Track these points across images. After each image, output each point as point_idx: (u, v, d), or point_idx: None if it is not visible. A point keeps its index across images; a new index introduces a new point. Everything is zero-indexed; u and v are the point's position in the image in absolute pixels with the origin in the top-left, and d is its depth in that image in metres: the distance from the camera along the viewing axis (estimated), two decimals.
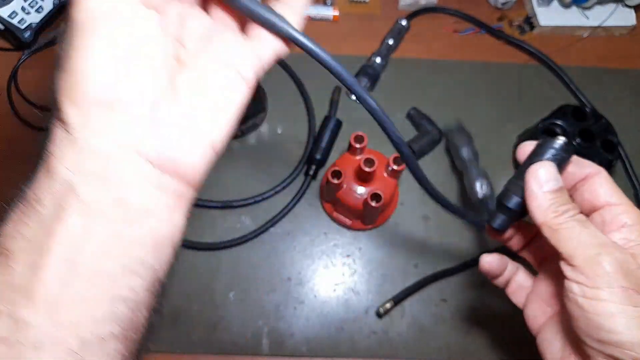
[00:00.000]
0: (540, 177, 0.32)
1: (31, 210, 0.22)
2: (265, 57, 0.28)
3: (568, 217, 0.31)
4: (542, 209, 0.31)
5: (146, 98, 0.24)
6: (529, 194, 0.32)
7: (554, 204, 0.31)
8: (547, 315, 0.37)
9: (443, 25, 0.76)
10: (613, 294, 0.27)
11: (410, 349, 0.58)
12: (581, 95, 0.71)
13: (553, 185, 0.32)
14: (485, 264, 0.39)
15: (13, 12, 0.67)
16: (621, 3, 0.76)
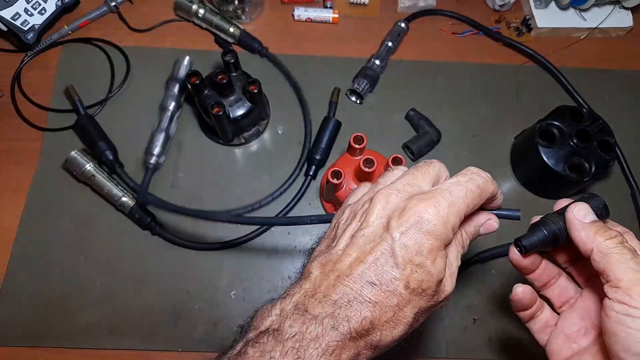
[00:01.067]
0: (580, 211, 0.36)
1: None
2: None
3: (617, 242, 0.34)
4: (590, 236, 0.35)
5: None
6: (574, 226, 0.36)
7: (599, 230, 0.35)
8: (572, 350, 0.39)
9: (441, 27, 0.77)
10: None
11: (410, 348, 0.58)
12: (578, 96, 0.72)
13: (592, 217, 0.36)
14: (519, 294, 0.40)
15: (16, 13, 0.67)
16: (618, 5, 0.76)
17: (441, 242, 0.33)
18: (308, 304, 0.32)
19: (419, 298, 0.33)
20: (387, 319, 0.32)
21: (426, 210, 0.33)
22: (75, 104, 0.66)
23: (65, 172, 0.64)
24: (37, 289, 0.59)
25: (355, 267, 0.33)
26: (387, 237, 0.33)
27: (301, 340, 0.31)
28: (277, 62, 0.71)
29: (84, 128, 0.64)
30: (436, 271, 0.33)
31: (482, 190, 0.36)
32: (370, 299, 0.32)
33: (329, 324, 0.31)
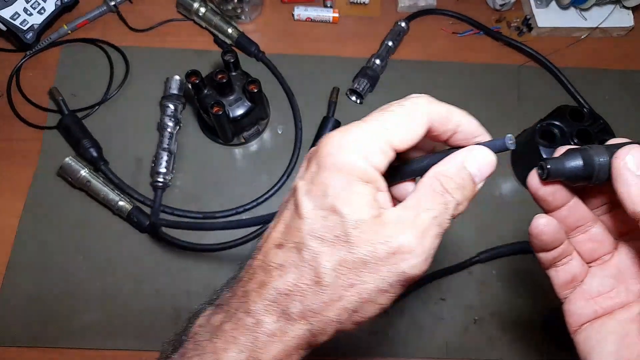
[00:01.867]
0: (635, 159, 0.27)
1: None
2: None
3: None
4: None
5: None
6: (623, 178, 0.27)
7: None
8: (595, 313, 0.33)
9: (442, 26, 0.77)
10: None
11: (409, 347, 0.58)
12: (579, 96, 0.72)
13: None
14: (539, 226, 0.31)
15: (15, 13, 0.67)
16: (619, 4, 0.76)
17: (350, 176, 0.27)
18: (222, 294, 0.30)
19: (333, 248, 0.26)
20: (294, 281, 0.27)
21: (325, 145, 0.27)
22: (59, 104, 0.66)
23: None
24: (36, 289, 0.59)
25: (267, 237, 0.29)
26: (293, 191, 0.28)
27: (196, 336, 0.28)
28: (272, 68, 0.71)
29: (68, 128, 0.64)
30: (348, 210, 0.26)
31: (409, 107, 0.29)
32: (274, 263, 0.27)
33: (228, 308, 0.28)
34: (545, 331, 0.59)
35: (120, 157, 0.65)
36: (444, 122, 0.29)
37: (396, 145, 0.28)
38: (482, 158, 0.30)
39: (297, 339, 0.27)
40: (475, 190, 0.30)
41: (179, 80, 0.68)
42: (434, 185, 0.28)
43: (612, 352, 0.31)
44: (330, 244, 0.26)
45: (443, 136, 0.30)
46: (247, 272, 0.29)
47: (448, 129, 0.29)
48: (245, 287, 0.28)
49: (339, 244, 0.26)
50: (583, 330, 0.33)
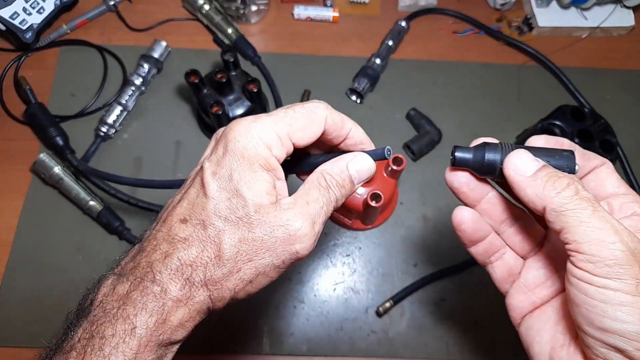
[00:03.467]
0: (519, 164, 0.30)
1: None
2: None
3: (571, 194, 0.28)
4: (538, 193, 0.29)
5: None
6: (517, 186, 0.30)
7: (548, 182, 0.29)
8: (534, 304, 0.35)
9: (442, 26, 0.76)
10: (624, 284, 0.26)
11: (409, 348, 0.58)
12: (580, 96, 0.71)
13: (536, 165, 0.30)
14: (457, 217, 0.34)
15: (14, 12, 0.67)
16: (620, 4, 0.76)
17: (253, 161, 0.30)
18: (124, 265, 0.31)
19: (235, 227, 0.30)
20: (198, 253, 0.30)
21: (231, 130, 0.30)
22: (25, 92, 0.66)
23: (34, 174, 0.64)
24: (36, 289, 0.59)
25: (171, 211, 0.31)
26: (200, 170, 0.32)
27: (105, 303, 0.29)
28: (266, 73, 0.70)
29: (34, 116, 0.64)
30: (251, 195, 0.30)
31: (309, 111, 0.32)
32: (179, 236, 0.30)
33: (133, 277, 0.29)
34: None
35: (121, 158, 0.65)
36: (337, 128, 0.33)
37: (295, 141, 0.32)
38: (362, 164, 0.34)
39: (199, 304, 0.30)
40: (354, 189, 0.34)
41: (164, 46, 0.69)
42: (319, 180, 0.33)
43: (548, 339, 0.32)
44: (233, 223, 0.30)
45: (335, 140, 0.34)
46: (149, 243, 0.30)
47: (340, 134, 0.34)
48: (149, 257, 0.30)
49: (241, 224, 0.30)
50: (524, 322, 0.35)
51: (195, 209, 0.30)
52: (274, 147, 0.31)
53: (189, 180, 0.33)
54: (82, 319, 0.30)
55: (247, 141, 0.30)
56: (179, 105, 0.69)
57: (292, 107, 0.32)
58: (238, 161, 0.30)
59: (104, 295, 0.30)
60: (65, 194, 0.61)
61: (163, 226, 0.31)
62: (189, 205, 0.31)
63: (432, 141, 0.67)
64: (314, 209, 0.31)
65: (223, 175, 0.30)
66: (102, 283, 0.31)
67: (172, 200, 0.33)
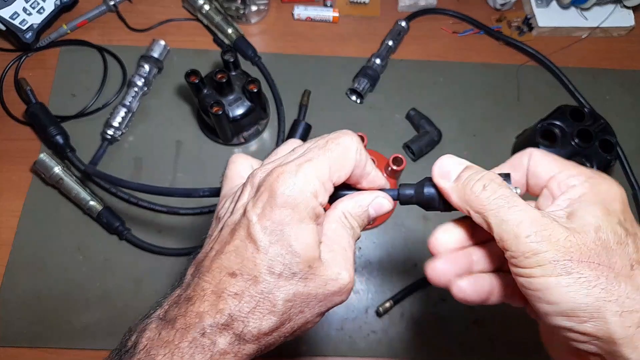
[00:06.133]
0: (442, 169, 0.32)
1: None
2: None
3: (489, 194, 0.29)
4: (461, 198, 0.30)
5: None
6: (444, 194, 0.32)
7: (467, 185, 0.30)
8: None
9: (442, 26, 0.76)
10: (545, 269, 0.27)
11: (409, 348, 0.58)
12: (580, 96, 0.71)
13: (458, 169, 0.31)
14: (459, 294, 0.33)
15: (14, 13, 0.67)
16: (620, 4, 0.76)
17: (303, 213, 0.29)
18: (169, 310, 0.30)
19: (289, 282, 0.29)
20: (250, 309, 0.29)
21: (277, 181, 0.29)
22: (26, 93, 0.66)
23: (34, 174, 0.64)
24: (36, 289, 0.59)
25: (215, 260, 0.30)
26: (244, 221, 0.30)
27: (150, 349, 0.28)
28: (266, 74, 0.70)
29: (35, 116, 0.64)
30: (301, 248, 0.29)
31: (346, 149, 0.31)
32: (229, 291, 0.29)
33: (180, 325, 0.29)
34: None
35: (121, 158, 0.65)
36: (361, 166, 0.33)
37: (335, 183, 0.31)
38: (383, 207, 0.34)
39: (247, 356, 0.30)
40: (371, 223, 0.35)
41: (163, 46, 0.69)
42: (343, 220, 0.33)
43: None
44: (286, 279, 0.29)
45: (352, 179, 0.33)
46: (196, 292, 0.30)
47: (362, 173, 0.33)
48: (198, 308, 0.29)
49: (295, 279, 0.29)
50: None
51: (246, 263, 0.29)
52: (320, 195, 0.30)
53: (229, 228, 0.31)
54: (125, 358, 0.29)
55: (296, 193, 0.29)
56: (179, 105, 0.69)
57: (327, 146, 0.31)
58: (288, 215, 0.29)
59: (149, 339, 0.29)
60: (66, 194, 0.62)
61: (208, 276, 0.30)
62: (238, 258, 0.29)
63: (432, 141, 0.67)
64: (351, 255, 0.32)
65: (273, 229, 0.29)
66: (146, 326, 0.30)
67: (211, 245, 0.32)
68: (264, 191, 0.30)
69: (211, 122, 0.61)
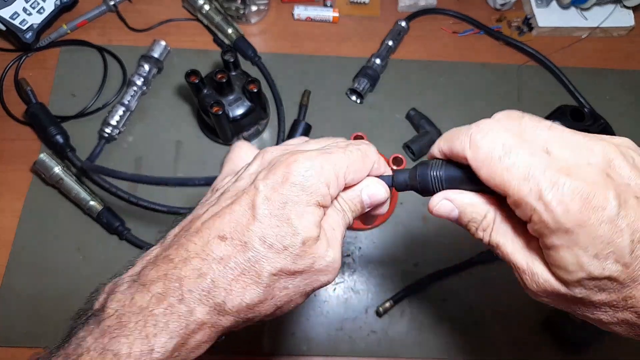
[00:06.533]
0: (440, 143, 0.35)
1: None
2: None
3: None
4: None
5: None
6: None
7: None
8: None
9: (442, 26, 0.76)
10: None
11: (409, 348, 0.58)
12: (580, 96, 0.71)
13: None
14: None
15: (15, 13, 0.67)
16: (620, 4, 0.76)
17: (311, 197, 0.30)
18: (143, 271, 0.29)
19: (278, 256, 0.29)
20: (234, 277, 0.28)
21: (297, 161, 0.30)
22: (26, 93, 0.66)
23: (35, 174, 0.64)
24: (36, 289, 0.59)
25: (208, 221, 0.29)
26: (250, 189, 0.30)
27: (121, 315, 0.27)
28: (267, 74, 0.70)
29: (35, 116, 0.64)
30: (302, 227, 0.29)
31: (364, 154, 0.32)
32: (215, 254, 0.28)
33: (157, 289, 0.27)
34: (545, 331, 0.59)
35: (121, 158, 0.65)
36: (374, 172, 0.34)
37: (347, 182, 0.32)
38: (376, 190, 0.34)
39: (222, 328, 0.29)
40: (364, 211, 0.35)
41: (163, 46, 0.69)
42: (336, 205, 0.33)
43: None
44: (276, 251, 0.29)
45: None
46: (177, 253, 0.29)
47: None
48: (179, 271, 0.28)
49: (286, 253, 0.29)
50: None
51: (239, 228, 0.29)
52: (332, 186, 0.31)
53: (231, 193, 0.31)
54: (91, 324, 0.28)
55: (310, 176, 0.30)
56: (179, 105, 0.69)
57: (349, 148, 0.32)
58: (297, 193, 0.29)
59: (119, 303, 0.28)
60: (66, 194, 0.62)
61: (196, 237, 0.29)
62: (232, 222, 0.29)
63: (432, 141, 0.67)
64: (339, 235, 0.32)
65: (276, 201, 0.29)
66: (117, 287, 0.29)
67: (205, 208, 0.31)
68: (279, 166, 0.30)
69: (211, 122, 0.61)
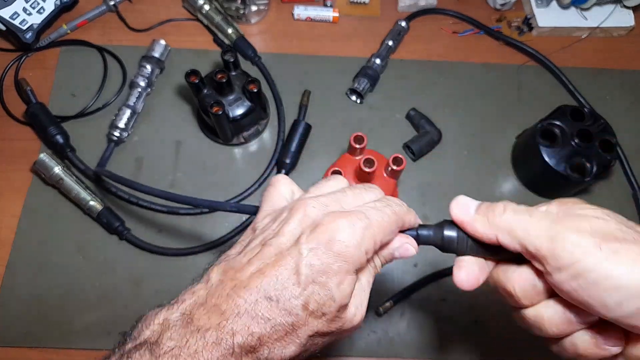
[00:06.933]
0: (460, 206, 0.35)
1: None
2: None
3: (512, 211, 0.32)
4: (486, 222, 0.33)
5: None
6: (468, 224, 0.34)
7: (489, 211, 0.33)
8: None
9: (442, 26, 0.76)
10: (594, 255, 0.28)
11: (409, 348, 0.58)
12: (580, 96, 0.71)
13: (475, 204, 0.35)
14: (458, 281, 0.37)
15: (15, 13, 0.67)
16: (620, 4, 0.76)
17: (351, 266, 0.31)
18: (195, 313, 0.30)
19: (316, 321, 0.31)
20: (277, 337, 0.30)
21: (340, 230, 0.31)
22: (26, 93, 0.66)
23: (35, 174, 0.64)
24: (36, 289, 0.59)
25: (255, 278, 0.30)
26: (294, 251, 0.31)
27: (178, 355, 0.28)
28: (267, 73, 0.70)
29: (35, 116, 0.64)
30: (340, 295, 0.31)
31: (399, 217, 0.34)
32: (263, 315, 0.30)
33: (211, 338, 0.29)
34: None
35: (121, 158, 0.65)
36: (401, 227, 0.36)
37: (382, 243, 0.34)
38: (407, 250, 0.36)
39: None
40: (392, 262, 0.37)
41: (163, 46, 0.69)
42: (369, 263, 0.35)
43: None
44: (315, 317, 0.31)
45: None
46: (229, 306, 0.30)
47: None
48: (231, 325, 0.29)
49: (323, 319, 0.31)
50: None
51: (285, 293, 0.30)
52: (370, 252, 0.32)
53: (274, 249, 0.32)
54: (145, 355, 0.29)
55: (353, 246, 0.31)
56: (179, 105, 0.69)
57: (385, 209, 0.33)
58: (339, 263, 0.31)
59: (174, 342, 0.29)
60: (66, 194, 0.62)
61: (244, 292, 0.30)
62: (279, 285, 0.30)
63: (432, 141, 0.67)
64: (367, 295, 0.34)
65: (319, 268, 0.30)
66: (169, 322, 0.30)
67: (248, 257, 0.32)
68: (324, 231, 0.31)
69: (211, 122, 0.61)
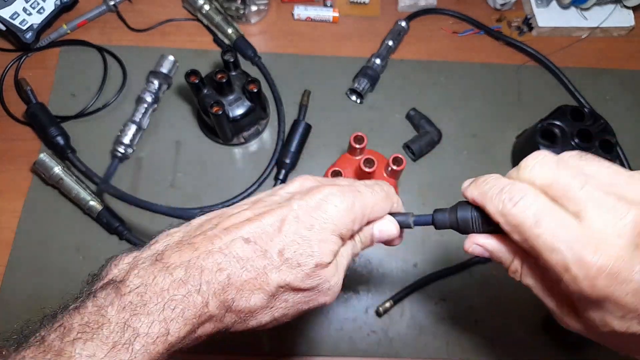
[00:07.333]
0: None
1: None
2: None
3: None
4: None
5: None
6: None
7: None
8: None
9: (442, 26, 0.76)
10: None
11: (409, 348, 0.58)
12: (579, 96, 0.71)
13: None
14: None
15: (15, 12, 0.67)
16: (620, 4, 0.76)
17: (337, 228, 0.32)
18: (166, 251, 0.30)
19: (290, 270, 0.31)
20: (247, 279, 0.30)
21: (332, 194, 0.33)
22: (26, 93, 0.66)
23: (35, 174, 0.64)
24: (36, 289, 0.59)
25: (237, 224, 0.31)
26: (284, 205, 0.32)
27: (143, 293, 0.28)
28: (266, 73, 0.70)
29: (35, 116, 0.64)
30: (319, 251, 0.31)
31: (389, 197, 0.36)
32: (236, 254, 0.30)
33: (178, 275, 0.28)
34: (545, 331, 0.59)
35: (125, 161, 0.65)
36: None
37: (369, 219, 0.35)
38: (387, 226, 0.36)
39: (223, 325, 0.30)
40: (373, 244, 0.37)
41: (172, 62, 0.68)
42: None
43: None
44: (290, 266, 0.31)
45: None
46: (202, 244, 0.30)
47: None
48: (202, 262, 0.29)
49: (297, 269, 0.31)
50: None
51: (263, 236, 0.31)
52: (357, 222, 0.34)
53: (265, 203, 0.33)
54: (111, 293, 0.28)
55: (342, 209, 0.32)
56: (179, 105, 0.69)
57: (374, 187, 0.35)
58: (326, 221, 0.32)
59: (141, 280, 0.28)
60: (66, 194, 0.62)
61: (222, 234, 0.31)
62: (259, 229, 0.31)
63: (432, 141, 0.67)
64: (345, 263, 0.34)
65: (305, 222, 0.31)
66: (138, 261, 0.30)
67: (237, 210, 0.33)
68: (316, 193, 0.33)
69: (211, 122, 0.61)
